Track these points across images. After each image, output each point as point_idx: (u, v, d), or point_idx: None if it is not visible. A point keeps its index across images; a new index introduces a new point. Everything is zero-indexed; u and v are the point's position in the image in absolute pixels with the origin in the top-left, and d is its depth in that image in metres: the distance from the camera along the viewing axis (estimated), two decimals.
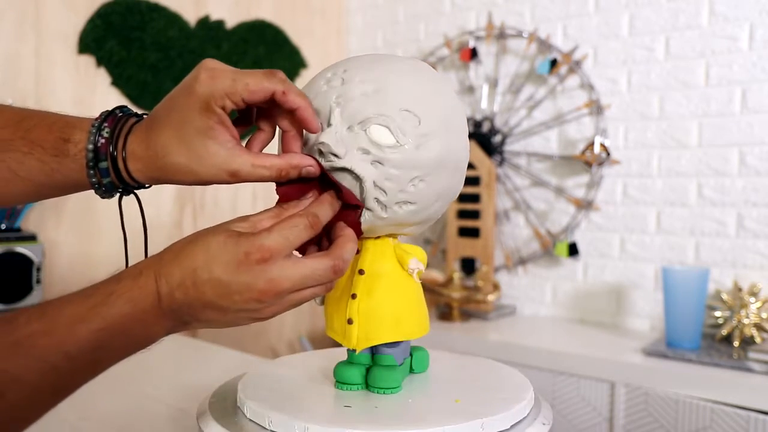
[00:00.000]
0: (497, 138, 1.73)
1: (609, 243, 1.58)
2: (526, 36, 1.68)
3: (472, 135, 1.71)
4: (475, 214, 1.67)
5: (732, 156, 1.40)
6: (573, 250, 1.59)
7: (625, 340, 1.42)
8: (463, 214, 1.69)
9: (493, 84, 1.76)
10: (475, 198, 1.66)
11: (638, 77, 1.53)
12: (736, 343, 1.28)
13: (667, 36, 1.49)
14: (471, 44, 1.76)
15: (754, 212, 1.38)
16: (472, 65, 1.80)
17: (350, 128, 0.48)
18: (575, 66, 1.61)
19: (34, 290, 1.25)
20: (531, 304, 1.72)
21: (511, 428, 0.48)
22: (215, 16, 1.73)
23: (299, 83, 1.83)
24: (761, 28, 1.37)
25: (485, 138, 1.72)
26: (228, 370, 0.79)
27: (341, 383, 0.53)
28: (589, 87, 1.59)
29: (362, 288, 0.52)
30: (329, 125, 0.49)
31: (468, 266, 1.73)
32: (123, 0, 1.54)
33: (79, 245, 1.48)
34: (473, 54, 1.75)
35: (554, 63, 1.61)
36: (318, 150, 0.49)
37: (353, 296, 0.52)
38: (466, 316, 1.64)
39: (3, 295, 1.21)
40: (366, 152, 0.48)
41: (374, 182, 0.48)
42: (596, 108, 1.58)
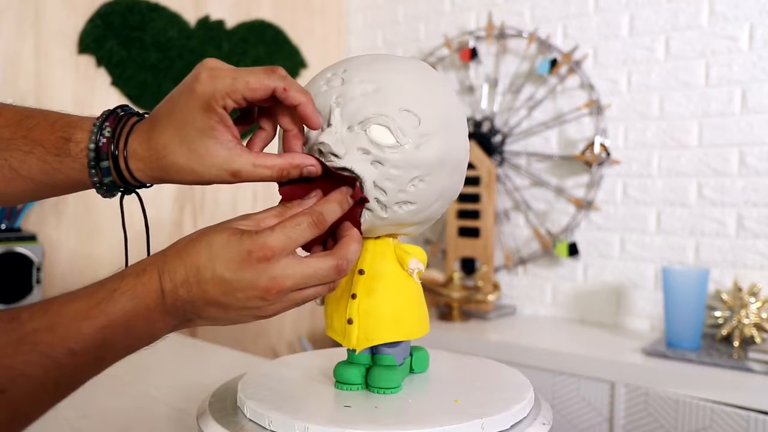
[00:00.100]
0: (497, 138, 1.73)
1: (609, 243, 1.58)
2: (526, 36, 1.68)
3: (472, 135, 1.71)
4: (475, 214, 1.67)
5: (732, 156, 1.40)
6: (573, 250, 1.59)
7: (625, 340, 1.42)
8: (463, 214, 1.69)
9: (493, 84, 1.76)
10: (475, 198, 1.66)
11: (638, 77, 1.53)
12: (736, 343, 1.28)
13: (667, 36, 1.49)
14: (471, 44, 1.76)
15: (754, 212, 1.38)
16: (472, 65, 1.80)
17: (350, 128, 0.48)
18: (575, 66, 1.61)
19: (34, 290, 1.25)
20: (531, 304, 1.72)
21: (511, 428, 0.48)
22: (215, 16, 1.73)
23: (299, 83, 1.82)
24: (761, 28, 1.37)
25: (485, 138, 1.72)
26: (228, 370, 0.79)
27: (341, 383, 0.53)
28: (589, 87, 1.59)
29: (362, 288, 0.52)
30: (329, 125, 0.49)
31: (468, 266, 1.73)
32: (123, 0, 1.54)
33: (79, 245, 1.48)
34: (473, 54, 1.75)
35: (554, 63, 1.61)
36: (318, 150, 0.49)
37: (353, 296, 0.52)
38: (466, 316, 1.64)
39: (3, 295, 1.21)
40: (366, 152, 0.48)
41: (374, 182, 0.48)
42: (596, 108, 1.58)
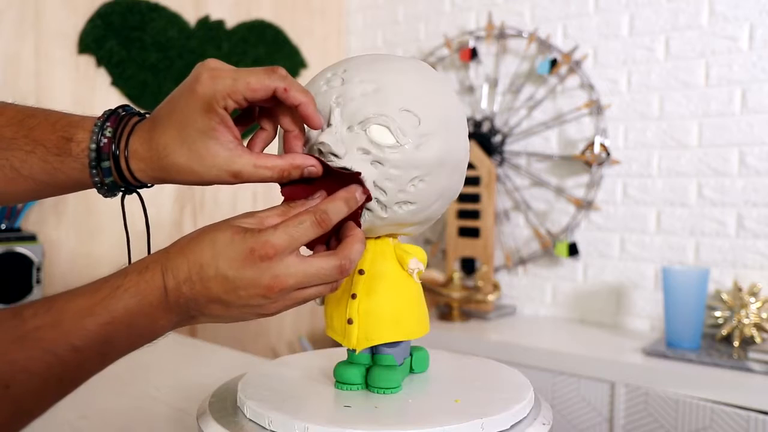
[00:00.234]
0: (497, 138, 1.73)
1: (609, 243, 1.58)
2: (526, 36, 1.68)
3: (472, 135, 1.71)
4: (475, 214, 1.67)
5: (732, 156, 1.40)
6: (573, 250, 1.59)
7: (625, 340, 1.42)
8: (463, 214, 1.69)
9: (493, 84, 1.76)
10: (475, 198, 1.66)
11: (638, 77, 1.53)
12: (736, 343, 1.28)
13: (667, 36, 1.49)
14: (471, 44, 1.76)
15: (754, 212, 1.38)
16: (472, 65, 1.80)
17: (350, 128, 0.48)
18: (575, 66, 1.61)
19: (34, 290, 1.25)
20: (531, 304, 1.72)
21: (511, 428, 0.48)
22: (215, 16, 1.73)
23: (300, 83, 1.82)
24: (761, 28, 1.37)
25: (485, 138, 1.72)
26: (228, 370, 0.79)
27: (341, 383, 0.53)
28: (589, 87, 1.59)
29: (362, 288, 0.52)
30: (329, 125, 0.49)
31: (468, 266, 1.73)
32: (123, 0, 1.54)
33: (79, 245, 1.48)
34: (473, 54, 1.75)
35: (554, 63, 1.61)
36: (318, 150, 0.49)
37: (353, 296, 0.52)
38: (466, 316, 1.64)
39: (3, 295, 1.21)
40: (366, 152, 0.48)
41: (374, 182, 0.48)
42: (596, 108, 1.58)
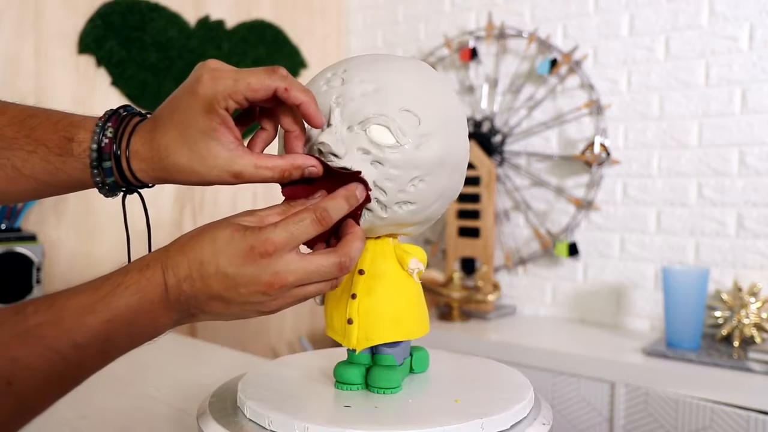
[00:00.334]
0: (497, 138, 1.73)
1: (609, 243, 1.58)
2: (526, 36, 1.68)
3: (472, 135, 1.71)
4: (475, 214, 1.67)
5: (732, 156, 1.40)
6: (573, 250, 1.59)
7: (625, 340, 1.42)
8: (463, 214, 1.69)
9: (493, 84, 1.76)
10: (475, 198, 1.66)
11: (638, 77, 1.53)
12: (736, 343, 1.28)
13: (667, 36, 1.49)
14: (471, 44, 1.76)
15: (754, 212, 1.38)
16: (472, 65, 1.80)
17: (350, 128, 0.48)
18: (575, 66, 1.61)
19: (34, 290, 1.25)
20: (531, 304, 1.72)
21: (511, 428, 0.48)
22: (215, 16, 1.73)
23: (300, 82, 1.83)
24: (761, 28, 1.37)
25: (485, 138, 1.72)
26: (228, 370, 0.79)
27: (341, 383, 0.53)
28: (589, 87, 1.59)
29: (362, 288, 0.52)
30: (329, 125, 0.49)
31: (468, 266, 1.73)
32: (123, 0, 1.54)
33: (79, 245, 1.48)
34: (473, 54, 1.75)
35: (554, 63, 1.60)
36: (318, 150, 0.49)
37: (353, 296, 0.52)
38: (466, 316, 1.64)
39: (3, 295, 1.21)
40: (366, 152, 0.48)
41: (374, 182, 0.48)
42: (596, 108, 1.58)
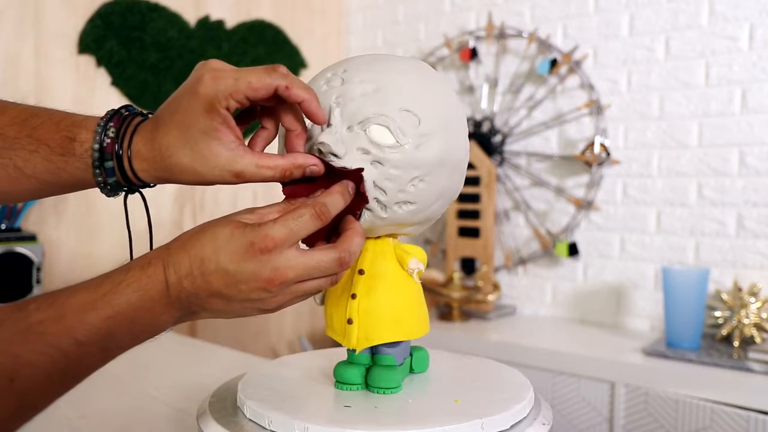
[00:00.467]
0: (497, 138, 1.73)
1: (609, 243, 1.58)
2: (526, 36, 1.68)
3: (472, 135, 1.71)
4: (475, 214, 1.67)
5: (732, 156, 1.40)
6: (573, 250, 1.59)
7: (625, 340, 1.42)
8: (463, 214, 1.69)
9: (493, 84, 1.76)
10: (475, 198, 1.66)
11: (638, 77, 1.53)
12: (736, 343, 1.28)
13: (667, 36, 1.49)
14: (471, 44, 1.76)
15: (754, 212, 1.38)
16: (472, 65, 1.80)
17: (350, 128, 0.48)
18: (575, 66, 1.61)
19: (34, 290, 1.25)
20: (531, 304, 1.72)
21: (511, 428, 0.48)
22: (215, 16, 1.73)
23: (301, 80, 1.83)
24: (761, 28, 1.37)
25: (485, 138, 1.72)
26: (228, 370, 0.79)
27: (341, 383, 0.53)
28: (589, 87, 1.59)
29: (362, 288, 0.52)
30: (329, 125, 0.49)
31: (468, 266, 1.73)
32: (123, 0, 1.54)
33: (79, 245, 1.48)
34: (473, 54, 1.75)
35: (554, 63, 1.60)
36: (318, 149, 0.49)
37: (353, 296, 0.52)
38: (466, 316, 1.64)
39: (3, 295, 1.21)
40: (366, 152, 0.48)
41: (374, 182, 0.48)
42: (596, 108, 1.58)
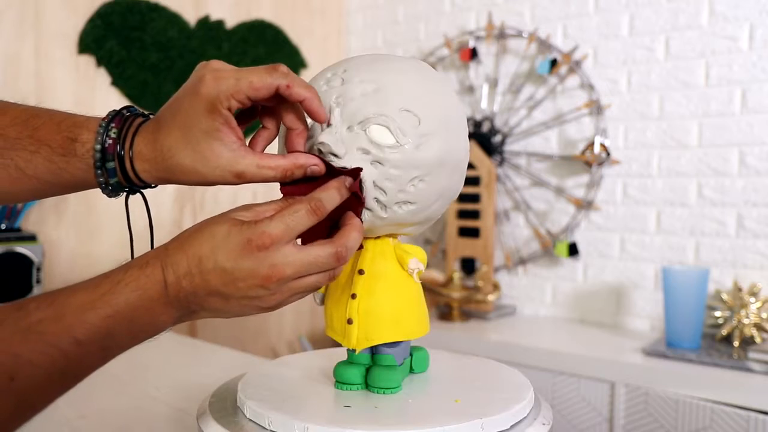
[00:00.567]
0: (497, 138, 1.73)
1: (609, 243, 1.58)
2: (526, 36, 1.68)
3: (472, 135, 1.71)
4: (475, 214, 1.67)
5: (732, 156, 1.40)
6: (573, 250, 1.59)
7: (625, 340, 1.42)
8: (463, 214, 1.69)
9: (493, 84, 1.76)
10: (475, 198, 1.66)
11: (638, 77, 1.53)
12: (736, 343, 1.28)
13: (667, 36, 1.49)
14: (471, 44, 1.76)
15: (754, 212, 1.38)
16: (472, 65, 1.80)
17: (350, 128, 0.48)
18: (575, 66, 1.61)
19: (34, 290, 1.25)
20: (531, 304, 1.72)
21: (511, 428, 0.48)
22: (215, 16, 1.73)
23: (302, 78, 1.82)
24: (761, 28, 1.37)
25: (485, 138, 1.72)
26: (228, 370, 0.79)
27: (341, 383, 0.53)
28: (589, 87, 1.59)
29: (362, 288, 0.52)
30: (329, 125, 0.49)
31: (468, 266, 1.73)
32: (123, 0, 1.54)
33: (79, 245, 1.48)
34: (473, 54, 1.75)
35: (554, 63, 1.60)
36: (318, 149, 0.49)
37: (353, 296, 0.52)
38: (466, 316, 1.64)
39: (3, 295, 1.21)
40: (366, 152, 0.48)
41: (374, 182, 0.48)
42: (596, 108, 1.57)
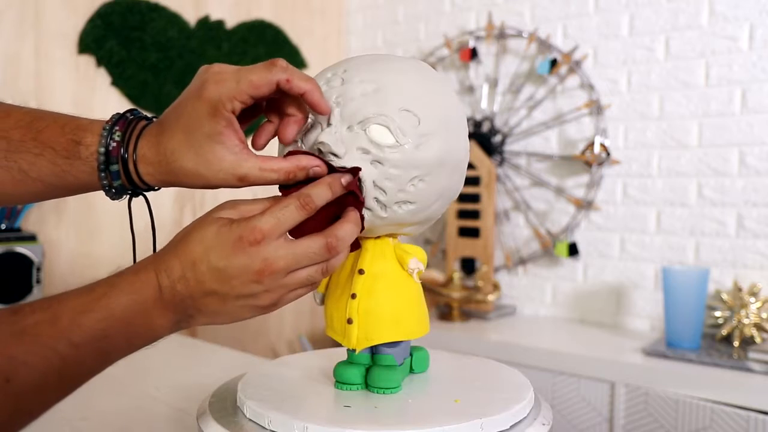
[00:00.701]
0: (497, 138, 1.73)
1: (609, 243, 1.58)
2: (526, 36, 1.68)
3: (472, 135, 1.70)
4: (475, 214, 1.67)
5: (732, 156, 1.40)
6: (573, 250, 1.59)
7: (625, 340, 1.42)
8: (463, 214, 1.69)
9: (493, 84, 1.76)
10: (475, 198, 1.66)
11: (638, 77, 1.53)
12: (736, 343, 1.28)
13: (667, 36, 1.49)
14: (471, 44, 1.76)
15: (754, 212, 1.38)
16: (472, 65, 1.80)
17: (350, 128, 0.48)
18: (575, 66, 1.61)
19: (34, 290, 1.25)
20: (531, 304, 1.72)
21: (511, 428, 0.48)
22: (215, 16, 1.73)
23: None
24: (761, 28, 1.37)
25: (485, 138, 1.72)
26: (228, 370, 0.79)
27: (341, 383, 0.53)
28: (589, 87, 1.59)
29: (362, 288, 0.52)
30: (329, 125, 0.49)
31: (468, 266, 1.73)
32: (123, 0, 1.54)
33: (79, 245, 1.48)
34: (473, 54, 1.75)
35: (554, 63, 1.60)
36: (318, 149, 0.49)
37: (353, 296, 0.52)
38: (466, 316, 1.64)
39: (3, 295, 1.21)
40: (366, 152, 0.48)
41: (374, 182, 0.49)
42: (596, 108, 1.57)
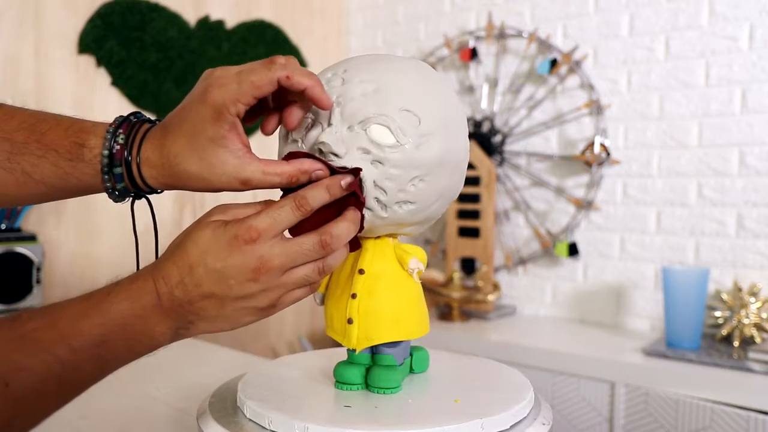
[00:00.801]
0: (497, 138, 1.73)
1: (609, 243, 1.58)
2: (526, 36, 1.68)
3: (472, 135, 1.70)
4: (475, 214, 1.67)
5: (732, 156, 1.40)
6: (573, 250, 1.59)
7: (625, 340, 1.42)
8: (463, 214, 1.69)
9: (493, 84, 1.76)
10: (475, 198, 1.66)
11: (638, 77, 1.53)
12: (736, 343, 1.28)
13: (667, 36, 1.49)
14: (471, 44, 1.76)
15: (754, 212, 1.38)
16: (472, 65, 1.80)
17: (350, 128, 0.48)
18: (575, 66, 1.61)
19: (34, 290, 1.25)
20: (531, 304, 1.72)
21: (511, 428, 0.48)
22: (215, 16, 1.73)
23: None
24: (761, 28, 1.37)
25: (485, 138, 1.72)
26: (228, 370, 0.79)
27: (341, 383, 0.53)
28: (589, 87, 1.59)
29: (362, 288, 0.52)
30: (329, 125, 0.49)
31: (468, 266, 1.73)
32: (123, 0, 1.54)
33: (79, 245, 1.48)
34: (473, 54, 1.75)
35: (554, 63, 1.60)
36: (318, 149, 0.49)
37: (353, 296, 0.52)
38: (466, 316, 1.64)
39: (3, 295, 1.21)
40: (366, 152, 0.48)
41: (374, 182, 0.49)
42: (596, 108, 1.57)
